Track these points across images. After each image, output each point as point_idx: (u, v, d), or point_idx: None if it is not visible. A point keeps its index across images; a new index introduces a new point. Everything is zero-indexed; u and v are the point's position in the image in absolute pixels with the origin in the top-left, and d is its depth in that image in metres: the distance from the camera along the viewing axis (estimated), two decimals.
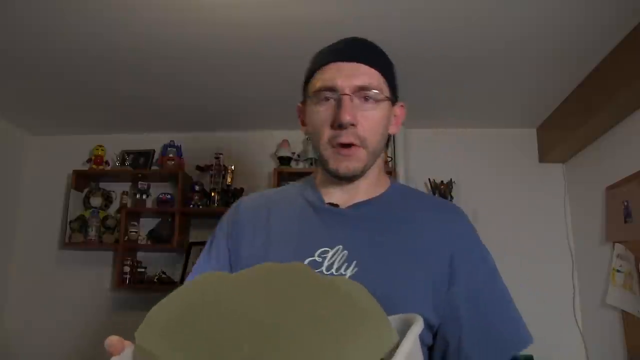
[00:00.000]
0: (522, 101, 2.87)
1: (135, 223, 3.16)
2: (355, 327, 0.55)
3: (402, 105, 0.93)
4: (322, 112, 0.83)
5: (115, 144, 3.36)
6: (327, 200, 0.89)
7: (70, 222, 3.16)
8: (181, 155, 3.29)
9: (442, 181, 3.10)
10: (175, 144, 3.29)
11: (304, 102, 0.90)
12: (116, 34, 2.18)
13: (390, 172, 3.09)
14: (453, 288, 0.81)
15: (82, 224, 3.17)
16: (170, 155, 3.23)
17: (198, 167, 3.26)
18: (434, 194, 3.10)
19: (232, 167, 3.23)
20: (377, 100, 0.83)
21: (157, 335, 0.57)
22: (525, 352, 2.81)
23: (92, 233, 3.16)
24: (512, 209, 3.13)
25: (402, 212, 0.87)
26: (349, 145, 0.82)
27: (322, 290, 0.59)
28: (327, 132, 0.83)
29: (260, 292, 0.59)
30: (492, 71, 2.51)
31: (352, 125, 0.80)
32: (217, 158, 3.21)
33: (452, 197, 3.07)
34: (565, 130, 2.82)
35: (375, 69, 0.84)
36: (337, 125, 0.80)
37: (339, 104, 0.81)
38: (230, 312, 0.57)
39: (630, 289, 2.34)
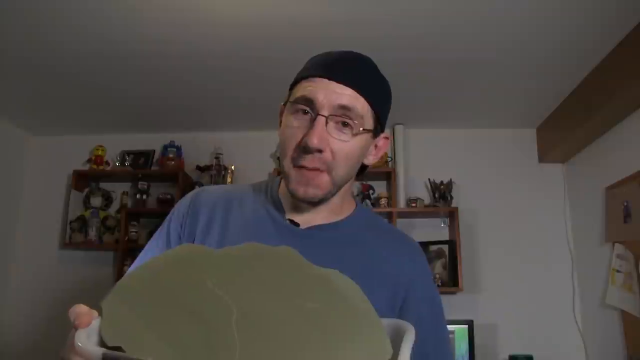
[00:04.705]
0: (522, 101, 2.87)
1: (136, 223, 3.16)
2: (351, 330, 0.52)
3: (386, 137, 0.86)
4: (293, 128, 0.77)
5: (115, 144, 3.36)
6: (287, 214, 0.85)
7: (71, 222, 3.17)
8: (181, 155, 3.29)
9: (442, 181, 3.10)
10: (175, 144, 3.29)
11: (285, 104, 0.85)
12: (116, 34, 2.18)
13: (390, 172, 3.10)
14: None
15: (82, 224, 3.17)
16: (170, 155, 3.23)
17: (198, 167, 3.27)
18: (434, 194, 3.10)
19: (232, 167, 3.23)
20: (353, 134, 0.76)
21: (129, 307, 0.51)
22: (525, 352, 2.81)
23: (93, 233, 3.16)
24: (512, 209, 3.13)
25: (361, 242, 0.84)
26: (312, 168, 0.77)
27: (315, 283, 0.55)
28: (291, 151, 0.77)
29: (248, 278, 0.55)
30: (492, 71, 2.51)
31: (319, 151, 0.74)
32: (217, 158, 3.22)
33: (452, 197, 3.08)
34: (565, 130, 2.82)
35: (364, 96, 0.77)
36: (302, 147, 0.75)
37: (311, 124, 0.75)
38: (217, 299, 0.52)
39: (630, 289, 2.34)
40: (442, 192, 3.08)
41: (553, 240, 3.08)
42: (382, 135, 0.85)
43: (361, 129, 0.77)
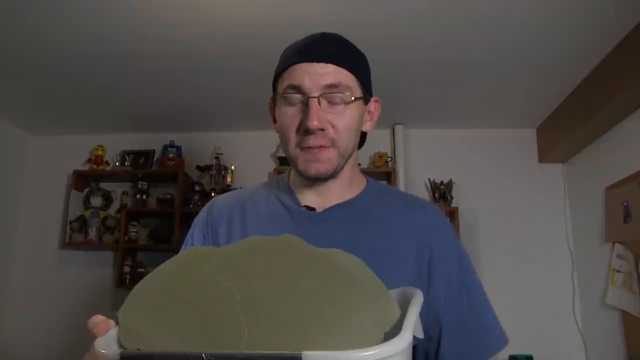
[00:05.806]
0: (522, 101, 2.87)
1: (136, 223, 3.16)
2: (356, 300, 0.53)
3: (376, 100, 0.89)
4: (289, 116, 0.80)
5: (115, 144, 3.36)
6: (302, 201, 0.86)
7: (71, 222, 3.17)
8: (181, 155, 3.29)
9: (442, 181, 3.10)
10: (175, 144, 3.29)
11: (274, 99, 0.87)
12: (116, 34, 2.18)
13: (390, 172, 3.10)
14: (432, 290, 0.81)
15: (82, 224, 3.17)
16: (170, 155, 3.23)
17: (198, 167, 3.27)
18: (434, 194, 3.10)
19: (232, 167, 3.24)
20: (346, 103, 0.79)
21: (143, 313, 0.54)
22: (525, 352, 2.81)
23: (93, 233, 3.16)
24: (512, 209, 3.13)
25: (378, 214, 0.86)
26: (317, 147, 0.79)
27: (317, 263, 0.57)
28: (294, 137, 0.80)
29: (251, 266, 0.57)
30: (492, 71, 2.51)
31: (321, 130, 0.78)
32: (217, 158, 3.22)
33: (452, 197, 3.08)
34: (565, 130, 2.82)
35: (345, 68, 0.80)
36: (304, 130, 0.78)
37: (306, 107, 0.78)
38: (221, 288, 0.55)
39: (630, 289, 2.34)
40: (442, 192, 3.08)
41: (553, 240, 3.08)
42: (373, 99, 0.88)
43: (353, 98, 0.80)
